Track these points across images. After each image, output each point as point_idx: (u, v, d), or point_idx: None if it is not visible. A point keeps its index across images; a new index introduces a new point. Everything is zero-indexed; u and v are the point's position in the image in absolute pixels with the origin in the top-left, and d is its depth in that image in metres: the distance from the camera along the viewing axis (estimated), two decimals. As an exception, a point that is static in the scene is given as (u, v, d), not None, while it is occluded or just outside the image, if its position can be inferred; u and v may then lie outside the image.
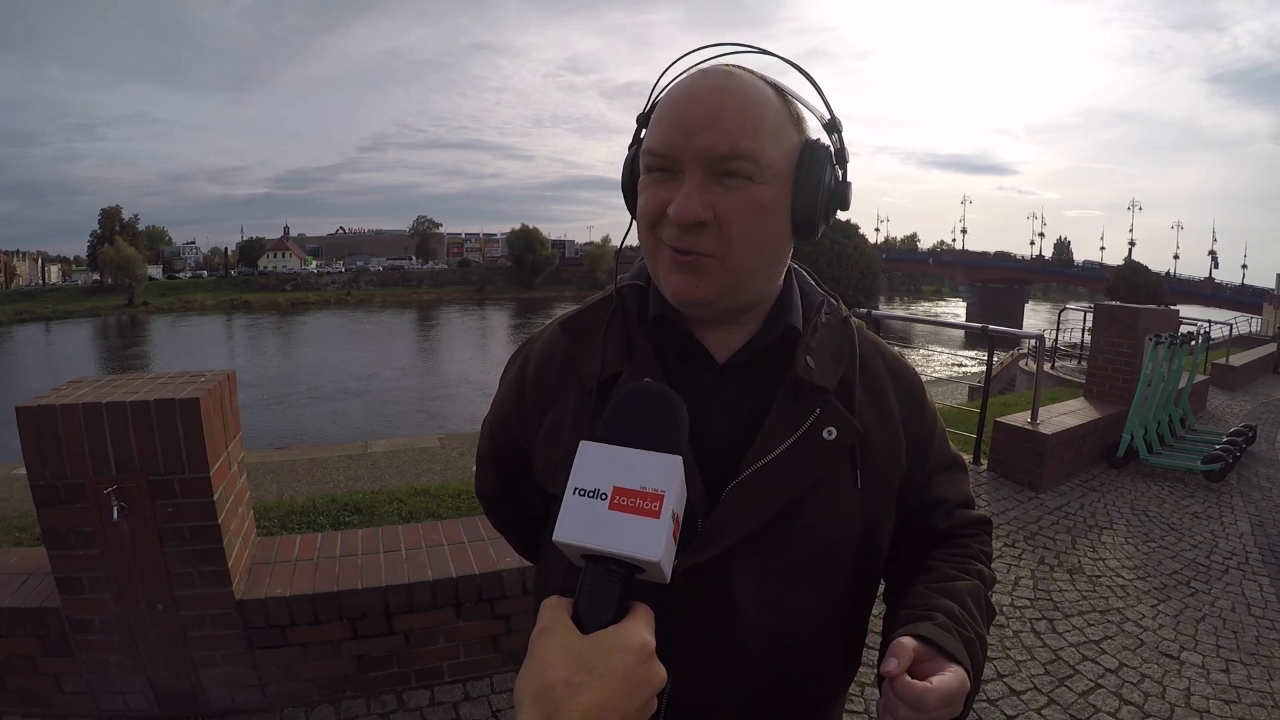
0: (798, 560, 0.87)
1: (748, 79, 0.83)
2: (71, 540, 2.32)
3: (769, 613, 0.86)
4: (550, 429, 0.95)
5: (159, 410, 2.27)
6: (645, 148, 0.84)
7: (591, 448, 0.65)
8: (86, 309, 73.51)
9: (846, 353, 0.94)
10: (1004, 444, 5.61)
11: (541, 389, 0.97)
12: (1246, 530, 4.86)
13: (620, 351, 0.90)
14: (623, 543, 0.61)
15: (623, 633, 0.60)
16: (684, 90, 0.82)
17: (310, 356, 40.87)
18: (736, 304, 0.87)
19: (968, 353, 30.82)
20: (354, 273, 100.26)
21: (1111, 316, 6.72)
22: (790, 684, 0.89)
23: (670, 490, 0.62)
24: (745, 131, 0.78)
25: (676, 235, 0.80)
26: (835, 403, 0.89)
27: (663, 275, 0.85)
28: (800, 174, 0.83)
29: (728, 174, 0.79)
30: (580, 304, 1.00)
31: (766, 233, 0.83)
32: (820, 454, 0.86)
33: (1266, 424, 8.35)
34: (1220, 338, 14.65)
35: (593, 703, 0.55)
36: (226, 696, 2.58)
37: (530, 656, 0.59)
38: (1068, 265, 79.73)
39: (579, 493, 0.63)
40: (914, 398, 1.00)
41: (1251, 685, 3.05)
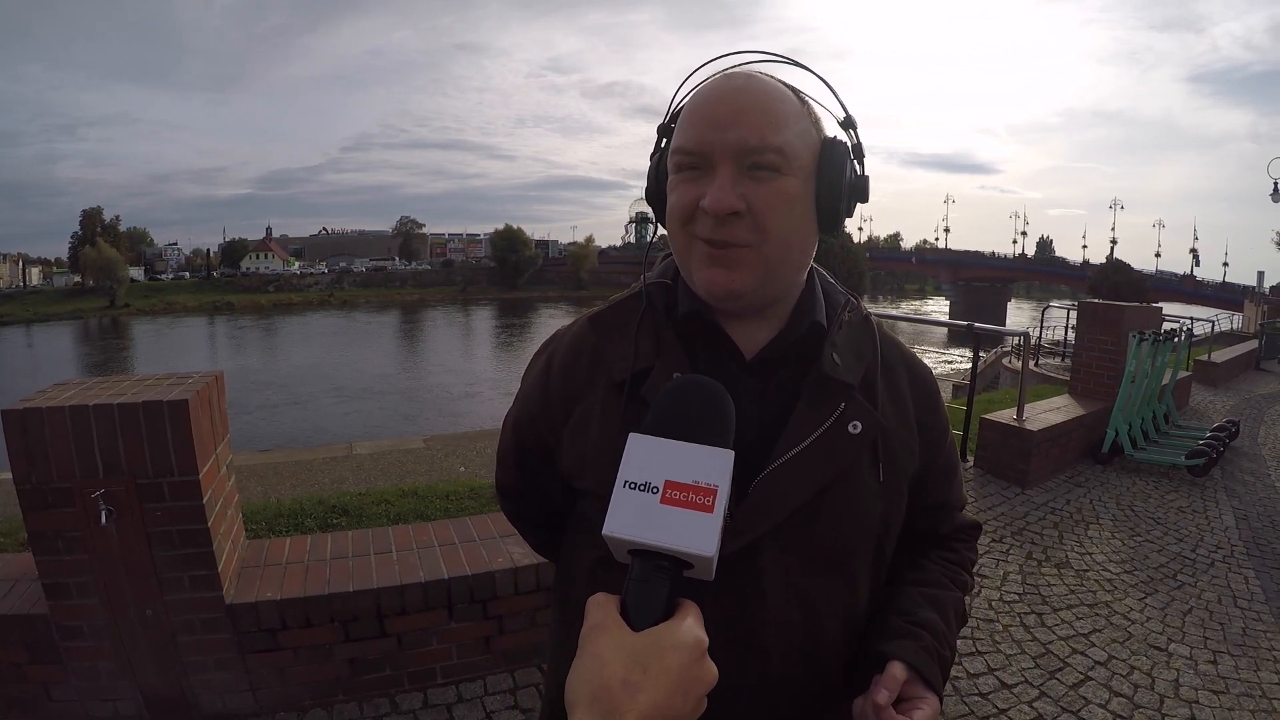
0: (822, 552, 0.89)
1: (769, 80, 0.87)
2: (59, 545, 2.29)
3: (794, 603, 0.88)
4: (578, 423, 0.96)
5: (147, 412, 2.25)
6: (676, 146, 0.87)
7: (642, 440, 0.65)
8: (68, 311, 72.64)
9: (869, 350, 0.97)
10: (990, 441, 5.65)
11: (568, 384, 0.98)
12: (1231, 524, 4.91)
13: (651, 346, 0.92)
14: (676, 538, 0.60)
15: (677, 630, 0.59)
16: (711, 91, 0.86)
17: (297, 359, 40.52)
18: (768, 295, 0.90)
19: (951, 351, 31.01)
20: (337, 274, 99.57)
21: (1095, 314, 6.78)
22: (814, 673, 0.91)
23: (724, 485, 0.62)
24: (772, 126, 0.82)
25: (712, 227, 0.83)
26: (859, 398, 0.92)
27: (696, 270, 0.87)
28: (823, 168, 0.87)
29: (757, 166, 0.82)
30: (605, 302, 1.02)
31: (795, 223, 0.86)
32: (846, 447, 0.89)
33: (1249, 419, 8.45)
34: (1203, 335, 14.80)
35: (650, 702, 0.54)
36: (218, 702, 2.56)
37: (582, 655, 0.58)
38: (1050, 263, 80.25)
39: (630, 486, 0.62)
40: (930, 396, 1.04)
41: (1239, 675, 3.09)
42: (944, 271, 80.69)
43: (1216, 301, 46.21)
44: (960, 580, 1.05)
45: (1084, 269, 62.94)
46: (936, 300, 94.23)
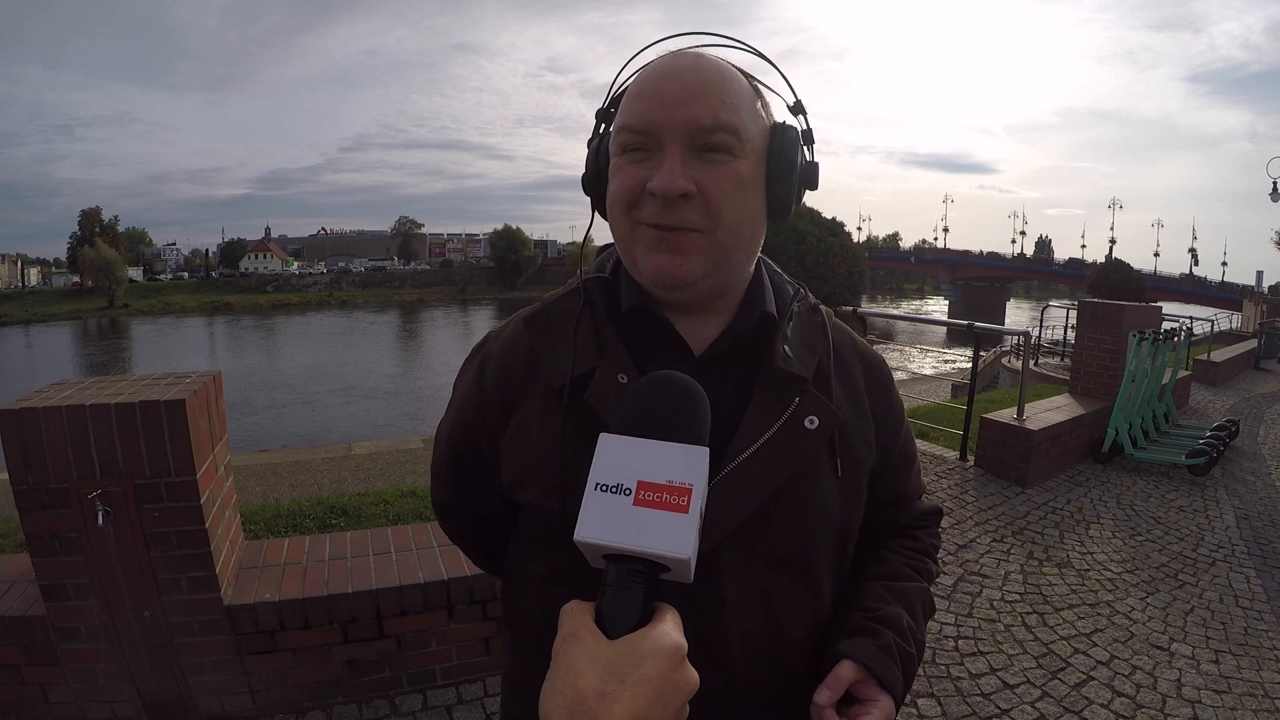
0: (784, 552, 0.86)
1: (719, 60, 0.84)
2: (56, 546, 2.27)
3: (757, 605, 0.85)
4: (516, 432, 0.90)
5: (144, 412, 2.23)
6: (621, 125, 0.82)
7: (613, 440, 0.62)
8: (67, 311, 72.61)
9: (821, 342, 0.93)
10: (991, 440, 5.64)
11: (505, 390, 0.93)
12: (1232, 523, 4.90)
13: (591, 346, 0.86)
14: (650, 540, 0.58)
15: (653, 636, 0.57)
16: (659, 69, 0.82)
17: (303, 358, 40.42)
18: (718, 285, 0.86)
19: (951, 350, 30.99)
20: (336, 274, 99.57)
21: (1095, 313, 6.77)
22: (780, 677, 0.88)
23: (699, 484, 0.60)
24: (725, 105, 0.79)
25: (659, 211, 0.78)
26: (814, 392, 0.88)
27: (642, 258, 0.82)
28: (774, 152, 0.84)
29: (709, 148, 0.78)
30: (541, 300, 0.97)
31: (747, 208, 0.82)
32: (803, 444, 0.86)
33: (1249, 418, 8.45)
34: (1202, 334, 14.80)
35: (628, 712, 0.52)
36: (216, 704, 2.55)
37: (556, 666, 0.56)
38: (1048, 263, 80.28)
39: (601, 488, 0.60)
40: (884, 386, 1.01)
41: (1241, 675, 3.08)
42: (943, 271, 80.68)
43: (1215, 300, 46.31)
44: (925, 569, 1.03)
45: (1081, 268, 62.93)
46: (936, 300, 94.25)
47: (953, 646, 3.24)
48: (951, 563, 4.08)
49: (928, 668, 3.07)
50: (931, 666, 3.08)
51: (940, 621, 3.45)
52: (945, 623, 3.44)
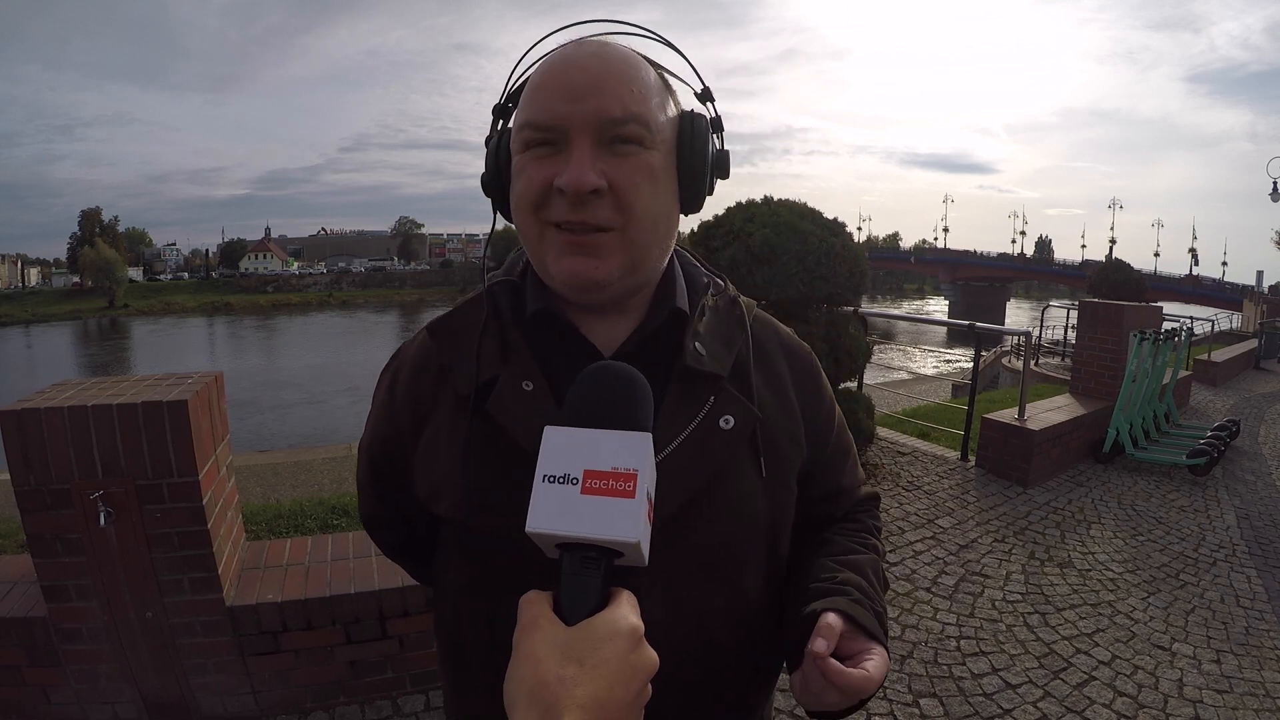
0: (707, 560, 0.83)
1: (624, 48, 0.80)
2: (57, 547, 2.27)
3: (681, 614, 0.82)
4: (427, 444, 0.88)
5: (146, 413, 2.23)
6: (524, 121, 0.77)
7: (557, 432, 0.63)
8: (66, 312, 72.71)
9: (738, 336, 0.90)
10: (992, 440, 5.64)
11: (415, 402, 0.90)
12: (1233, 523, 4.90)
13: (496, 353, 0.83)
14: (600, 527, 0.59)
15: (610, 619, 0.57)
16: (562, 59, 0.78)
17: (308, 358, 40.35)
18: (632, 284, 0.82)
19: (952, 350, 31.01)
20: (336, 274, 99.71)
21: (1096, 313, 6.77)
22: (711, 685, 0.86)
23: (644, 469, 0.60)
24: (634, 95, 0.75)
25: (568, 209, 0.74)
26: (730, 389, 0.85)
27: (553, 261, 0.78)
28: (685, 142, 0.81)
29: (619, 140, 0.75)
30: (449, 308, 0.93)
31: (661, 202, 0.79)
32: (719, 444, 0.82)
33: (1249, 418, 8.45)
34: (1202, 334, 14.81)
35: (589, 695, 0.53)
36: (218, 705, 2.55)
37: (516, 655, 0.56)
38: (1049, 263, 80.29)
39: (548, 479, 0.60)
40: (812, 380, 0.98)
41: (1243, 675, 3.08)
42: (943, 271, 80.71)
43: (1216, 300, 46.30)
44: (870, 545, 0.99)
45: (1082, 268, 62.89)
46: (936, 300, 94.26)
47: (955, 646, 3.24)
48: (953, 563, 4.08)
49: (929, 667, 3.07)
50: (934, 666, 3.08)
51: (942, 621, 3.45)
52: (947, 623, 3.44)
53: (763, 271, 5.03)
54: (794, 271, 5.03)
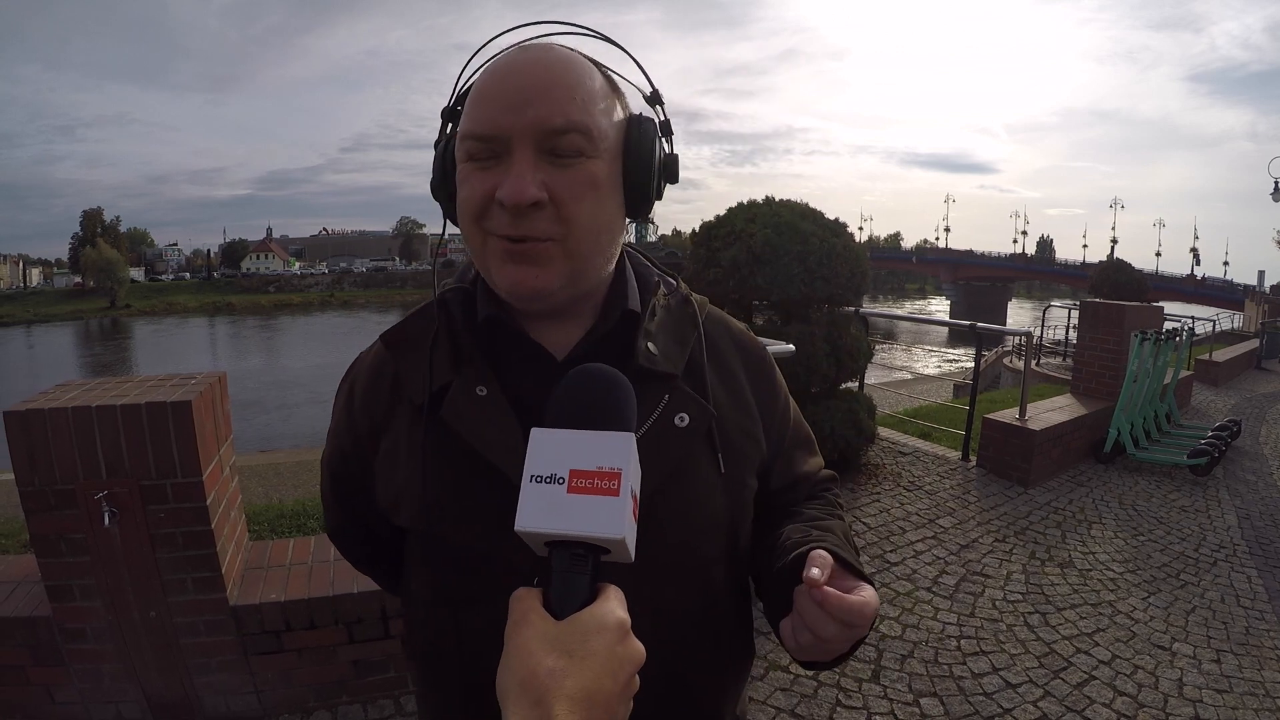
0: (668, 558, 0.83)
1: (569, 52, 0.79)
2: (62, 547, 2.29)
3: (644, 613, 0.80)
4: (385, 455, 0.88)
5: (150, 413, 2.25)
6: (464, 132, 0.77)
7: (543, 434, 0.64)
8: (68, 312, 72.82)
9: (691, 334, 0.90)
10: (993, 440, 5.64)
11: (372, 412, 0.90)
12: (1233, 523, 4.91)
13: (449, 361, 0.83)
14: (586, 525, 0.60)
15: (597, 613, 0.59)
16: (505, 66, 0.77)
17: (314, 358, 40.29)
18: (577, 291, 0.82)
19: (953, 350, 30.99)
20: (338, 274, 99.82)
21: (1097, 313, 6.77)
22: (678, 683, 0.85)
23: (627, 467, 0.62)
24: (576, 104, 0.74)
25: (509, 222, 0.74)
26: (684, 387, 0.85)
27: (495, 270, 0.78)
28: (631, 148, 0.80)
29: (560, 150, 0.74)
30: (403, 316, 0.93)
31: (604, 212, 0.78)
32: (675, 443, 0.82)
33: (1250, 418, 8.44)
34: (1204, 334, 14.80)
35: (578, 686, 0.54)
36: (221, 704, 2.56)
37: (508, 649, 0.58)
38: (1050, 263, 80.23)
39: (535, 480, 0.62)
40: (766, 376, 0.98)
41: (1242, 675, 3.08)
42: (944, 271, 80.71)
43: (1217, 300, 46.27)
44: (836, 515, 0.98)
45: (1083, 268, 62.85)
46: (938, 300, 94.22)
47: (955, 646, 3.25)
48: (954, 563, 4.08)
49: (930, 667, 3.08)
50: (934, 666, 3.09)
51: (943, 621, 3.46)
52: (948, 622, 3.45)
53: (764, 272, 5.04)
54: (795, 272, 5.03)
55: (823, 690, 2.91)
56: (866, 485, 5.22)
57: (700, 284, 5.48)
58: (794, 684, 2.93)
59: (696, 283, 5.52)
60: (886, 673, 3.04)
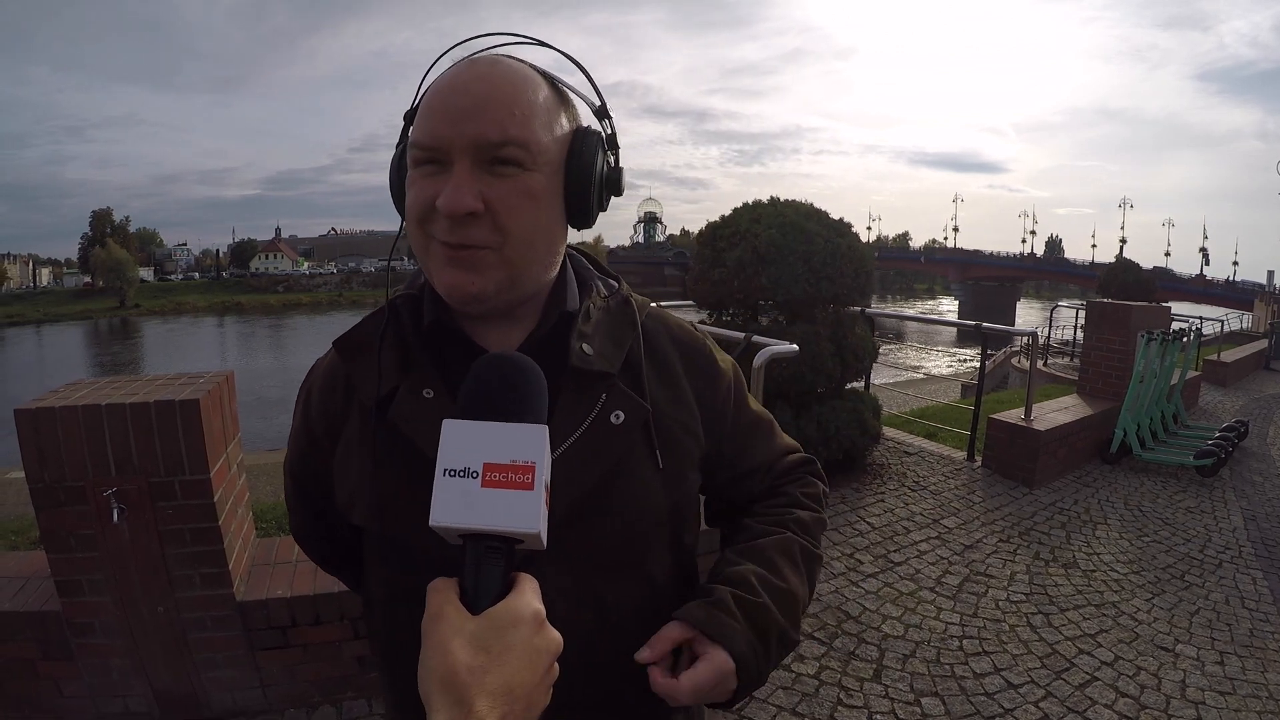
0: (609, 553, 0.86)
1: (516, 66, 0.82)
2: (71, 543, 2.32)
3: (586, 610, 0.85)
4: (341, 457, 0.91)
5: (159, 412, 2.27)
6: (412, 141, 0.80)
7: (455, 425, 0.65)
8: (78, 312, 73.27)
9: (629, 334, 0.92)
10: (998, 440, 5.64)
11: (328, 416, 0.93)
12: (1239, 524, 4.89)
13: (397, 365, 0.86)
14: (501, 519, 0.61)
15: (513, 606, 0.61)
16: (450, 80, 0.80)
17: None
18: (514, 297, 0.84)
19: (960, 350, 30.93)
20: (346, 274, 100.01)
21: (1104, 314, 6.75)
22: (626, 682, 0.86)
23: (541, 460, 0.63)
24: (515, 119, 0.77)
25: (448, 229, 0.77)
26: (620, 386, 0.87)
27: (436, 273, 0.81)
28: (573, 161, 0.82)
29: (499, 161, 0.77)
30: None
31: (541, 221, 0.81)
32: (612, 439, 0.85)
33: (1258, 419, 8.40)
34: (1212, 334, 14.72)
35: (497, 682, 0.56)
36: (228, 698, 2.59)
37: (427, 645, 0.59)
38: (1059, 263, 79.90)
39: (449, 473, 0.63)
40: (704, 369, 0.99)
41: (1246, 677, 3.08)
42: (952, 271, 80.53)
43: (1226, 300, 46.03)
44: (790, 519, 0.99)
45: (1092, 268, 62.57)
46: (947, 300, 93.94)
47: (957, 646, 3.26)
48: (958, 563, 4.09)
49: (932, 667, 3.09)
50: (936, 665, 3.10)
51: (946, 621, 3.46)
52: (950, 622, 3.45)
53: (769, 272, 5.05)
54: (800, 272, 5.04)
55: (824, 689, 2.92)
56: (871, 485, 5.22)
57: (706, 284, 5.50)
58: (795, 683, 2.95)
59: (702, 283, 5.53)
60: (888, 672, 3.05)
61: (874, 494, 5.06)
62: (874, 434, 5.52)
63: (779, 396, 5.01)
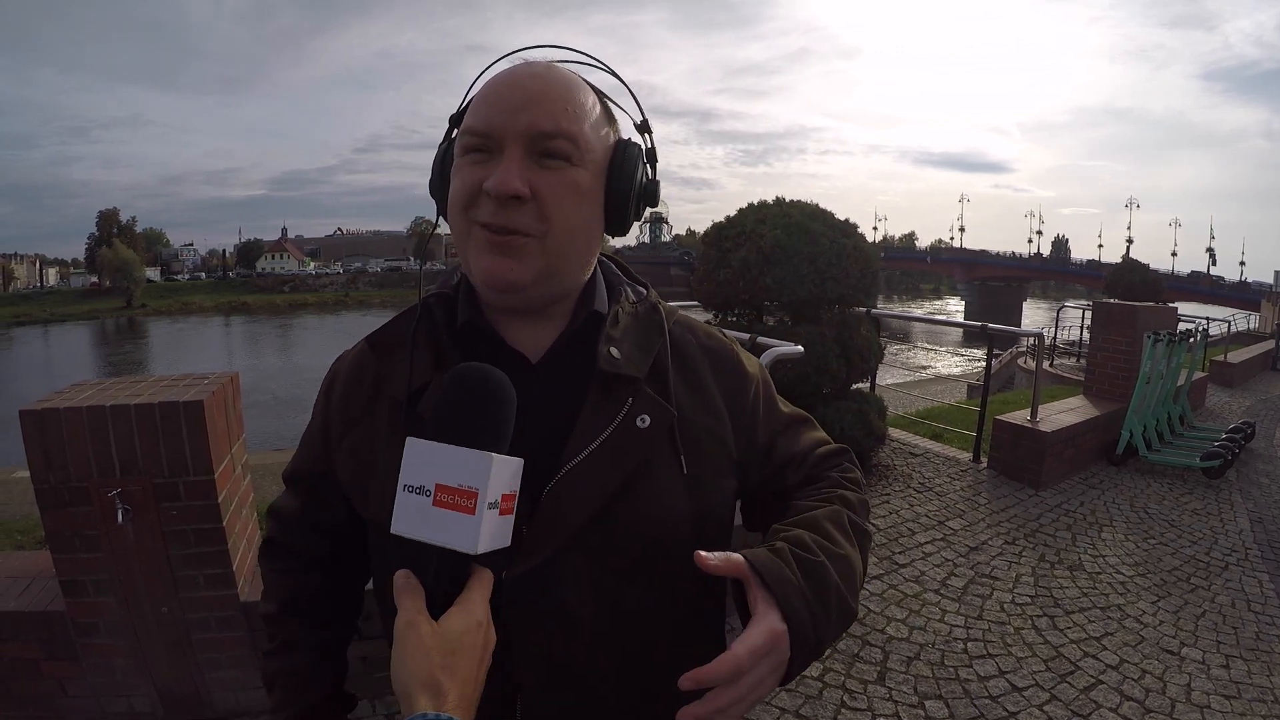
0: (629, 557, 0.85)
1: (568, 71, 0.85)
2: (76, 543, 2.32)
3: (605, 615, 0.85)
4: (354, 451, 0.92)
5: (163, 413, 2.28)
6: (464, 127, 0.83)
7: (416, 445, 0.69)
8: (85, 311, 73.40)
9: (657, 339, 0.92)
10: (1004, 442, 5.62)
11: (347, 409, 0.95)
12: (1246, 526, 4.87)
13: (429, 362, 0.87)
14: (447, 537, 0.67)
15: (465, 616, 0.69)
16: (506, 75, 0.83)
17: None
18: (550, 291, 0.86)
19: (966, 351, 30.91)
20: (352, 274, 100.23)
21: (1110, 314, 6.73)
22: (643, 685, 0.87)
23: (484, 486, 0.67)
24: (567, 114, 0.80)
25: (493, 211, 0.78)
26: (647, 390, 0.87)
27: (475, 259, 0.82)
28: (615, 167, 0.85)
29: (548, 154, 0.79)
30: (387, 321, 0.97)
31: (583, 217, 0.83)
32: (636, 444, 0.85)
33: (1265, 420, 8.37)
34: (1219, 335, 14.68)
35: (463, 677, 0.66)
36: (231, 698, 2.59)
37: (404, 650, 0.67)
38: (1065, 263, 79.66)
39: (408, 489, 0.68)
40: (731, 373, 0.99)
41: (1251, 681, 3.07)
42: (958, 271, 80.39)
43: (1233, 301, 45.84)
44: (835, 496, 0.94)
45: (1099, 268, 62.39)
46: (954, 300, 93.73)
47: (962, 649, 3.25)
48: (963, 565, 4.08)
49: (936, 669, 3.08)
50: (940, 668, 3.09)
51: (950, 623, 3.46)
52: (955, 624, 3.45)
53: (774, 272, 5.05)
54: (805, 272, 5.04)
55: (827, 691, 2.92)
56: (877, 486, 5.21)
57: (711, 285, 5.50)
58: (799, 685, 2.94)
59: (707, 284, 5.53)
60: (892, 674, 3.05)
61: (879, 495, 5.05)
62: (879, 435, 5.51)
63: (784, 397, 5.00)
